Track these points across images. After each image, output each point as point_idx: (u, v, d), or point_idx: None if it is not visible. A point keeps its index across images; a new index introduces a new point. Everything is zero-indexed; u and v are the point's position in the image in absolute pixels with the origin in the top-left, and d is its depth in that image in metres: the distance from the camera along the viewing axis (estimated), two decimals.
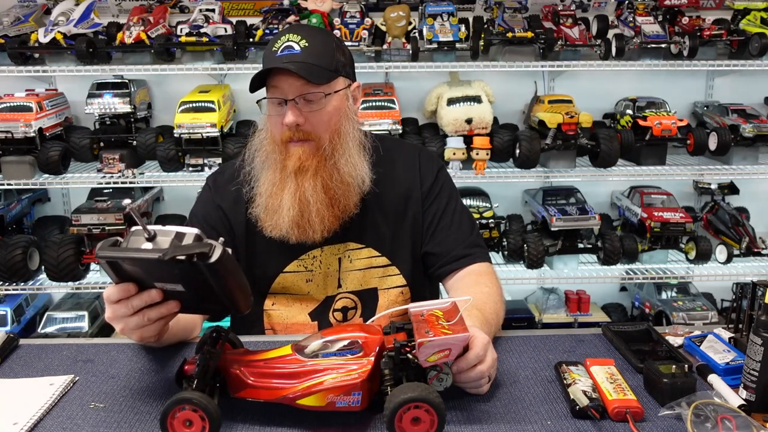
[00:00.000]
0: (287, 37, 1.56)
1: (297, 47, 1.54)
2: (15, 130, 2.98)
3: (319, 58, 1.55)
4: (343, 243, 1.70)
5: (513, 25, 3.14)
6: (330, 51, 1.58)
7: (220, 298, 1.21)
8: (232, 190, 1.72)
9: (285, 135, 1.58)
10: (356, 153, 1.63)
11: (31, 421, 1.25)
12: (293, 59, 1.53)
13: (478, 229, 1.81)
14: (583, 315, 3.45)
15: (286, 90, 1.55)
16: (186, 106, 3.09)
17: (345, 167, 1.61)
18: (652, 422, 1.23)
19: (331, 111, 1.58)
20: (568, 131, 3.11)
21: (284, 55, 1.54)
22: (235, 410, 1.27)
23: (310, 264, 1.71)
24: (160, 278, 1.22)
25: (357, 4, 3.27)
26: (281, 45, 1.55)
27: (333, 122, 1.59)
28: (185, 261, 1.11)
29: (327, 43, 1.60)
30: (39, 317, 3.31)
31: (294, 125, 1.55)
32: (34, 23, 3.22)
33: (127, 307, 1.24)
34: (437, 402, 1.13)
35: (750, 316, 1.44)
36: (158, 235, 1.16)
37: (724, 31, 3.24)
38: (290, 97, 1.54)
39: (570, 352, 1.54)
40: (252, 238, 1.72)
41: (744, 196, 3.55)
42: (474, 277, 1.69)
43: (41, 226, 3.44)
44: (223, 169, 1.85)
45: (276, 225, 1.61)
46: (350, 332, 1.29)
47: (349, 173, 1.61)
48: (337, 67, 1.59)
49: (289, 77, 1.53)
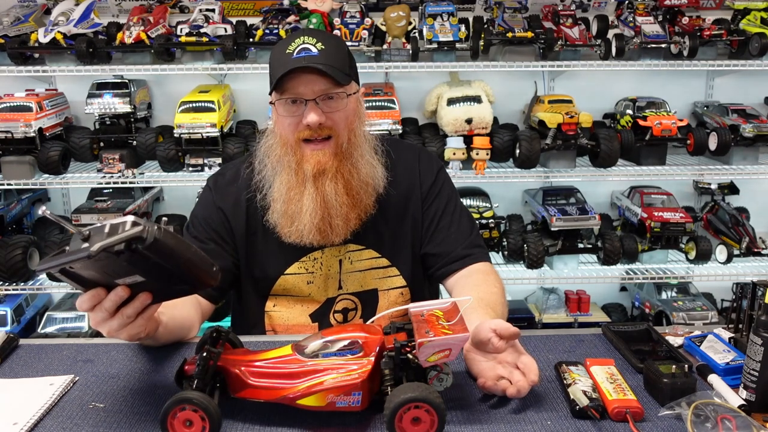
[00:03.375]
0: (302, 39, 1.55)
1: (314, 49, 1.53)
2: (15, 130, 2.98)
3: (337, 60, 1.56)
4: (343, 245, 1.70)
5: (513, 25, 3.14)
6: (344, 55, 1.60)
7: (182, 277, 1.18)
8: (233, 192, 1.72)
9: (302, 134, 1.57)
10: (370, 155, 1.65)
11: (31, 421, 1.25)
12: (312, 61, 1.52)
13: (477, 229, 1.81)
14: (583, 315, 3.45)
15: (305, 91, 1.54)
16: (186, 106, 3.09)
17: (364, 167, 1.62)
18: (652, 422, 1.23)
19: (350, 110, 1.60)
20: (568, 131, 3.11)
21: (302, 56, 1.53)
22: (235, 410, 1.27)
23: (311, 266, 1.71)
24: (117, 275, 1.18)
25: (357, 4, 3.27)
26: (296, 47, 1.54)
27: (351, 122, 1.60)
28: (126, 250, 1.06)
29: (340, 47, 1.62)
30: (39, 317, 3.30)
31: (316, 124, 1.54)
32: (34, 23, 3.22)
33: (102, 311, 1.23)
34: (437, 402, 1.13)
35: (750, 316, 1.44)
36: (92, 233, 1.10)
37: (724, 31, 3.24)
38: (312, 97, 1.54)
39: (570, 352, 1.54)
40: (253, 240, 1.72)
41: (744, 196, 3.55)
42: (481, 276, 1.68)
43: (41, 226, 3.44)
44: (223, 170, 1.84)
45: (296, 230, 1.61)
46: (350, 332, 1.29)
47: (368, 173, 1.63)
48: (350, 70, 1.61)
49: (311, 78, 1.52)
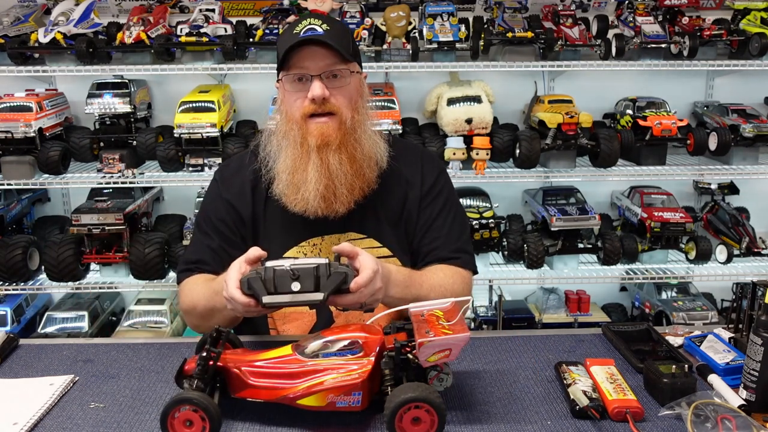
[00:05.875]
0: (308, 21, 1.61)
1: (320, 29, 1.59)
2: (15, 130, 2.98)
3: (341, 41, 1.61)
4: (344, 233, 1.72)
5: (513, 25, 3.13)
6: (348, 37, 1.67)
7: None
8: (237, 181, 1.77)
9: (307, 109, 1.61)
10: (373, 131, 1.70)
11: (31, 421, 1.25)
12: (320, 38, 1.57)
13: (469, 236, 1.84)
14: (583, 315, 3.44)
15: (311, 67, 1.59)
16: (186, 106, 3.09)
17: (367, 142, 1.67)
18: (652, 422, 1.23)
19: (353, 88, 1.65)
20: (568, 131, 3.10)
21: (308, 35, 1.58)
22: (235, 410, 1.27)
23: (309, 251, 1.72)
24: None
25: (357, 4, 3.27)
26: (303, 27, 1.60)
27: (354, 99, 1.65)
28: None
29: (345, 30, 1.71)
30: (39, 317, 3.30)
31: (321, 99, 1.59)
32: (34, 23, 3.22)
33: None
34: (437, 402, 1.13)
35: (750, 316, 1.45)
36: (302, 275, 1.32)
37: (724, 31, 3.24)
38: (316, 73, 1.59)
39: (570, 352, 1.54)
40: (257, 225, 1.75)
41: (744, 196, 3.55)
42: (450, 272, 1.71)
43: (41, 226, 3.44)
44: (228, 162, 1.92)
45: (302, 198, 1.64)
46: (350, 332, 1.29)
47: (371, 148, 1.68)
48: (354, 52, 1.66)
49: (317, 52, 1.58)
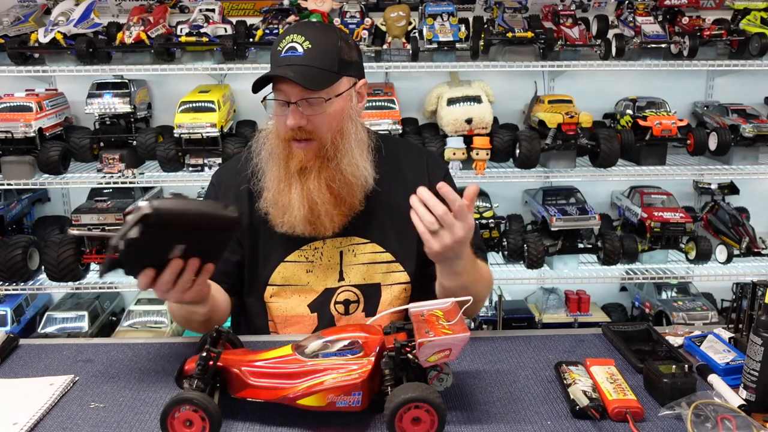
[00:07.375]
0: (291, 37, 1.57)
1: (300, 49, 1.54)
2: (15, 130, 2.98)
3: (323, 60, 1.55)
4: (347, 237, 1.72)
5: (513, 25, 3.13)
6: (334, 51, 1.58)
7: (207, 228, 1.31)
8: (234, 184, 1.76)
9: (288, 134, 1.61)
10: (359, 153, 1.65)
11: (31, 421, 1.25)
12: (295, 62, 1.54)
13: (479, 233, 1.82)
14: (583, 315, 3.44)
15: (288, 93, 1.56)
16: (186, 106, 3.08)
17: (347, 167, 1.62)
18: (652, 422, 1.23)
19: (332, 114, 1.59)
20: (568, 131, 3.10)
21: (287, 56, 1.55)
22: (235, 410, 1.27)
23: (311, 255, 1.72)
24: (164, 252, 1.30)
25: (357, 4, 3.27)
26: (285, 46, 1.56)
27: (335, 124, 1.60)
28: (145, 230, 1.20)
29: (331, 42, 1.59)
30: (39, 317, 3.30)
31: (296, 128, 1.57)
32: (34, 23, 3.22)
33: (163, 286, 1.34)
34: (437, 402, 1.13)
35: (750, 316, 1.44)
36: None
37: (724, 31, 3.24)
38: (292, 100, 1.55)
39: (570, 352, 1.54)
40: (255, 229, 1.74)
41: (744, 196, 3.55)
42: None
43: (41, 226, 3.44)
44: (226, 164, 1.92)
45: (288, 222, 1.64)
46: (350, 332, 1.29)
47: (352, 173, 1.63)
48: (340, 68, 1.59)
49: (291, 81, 1.53)
